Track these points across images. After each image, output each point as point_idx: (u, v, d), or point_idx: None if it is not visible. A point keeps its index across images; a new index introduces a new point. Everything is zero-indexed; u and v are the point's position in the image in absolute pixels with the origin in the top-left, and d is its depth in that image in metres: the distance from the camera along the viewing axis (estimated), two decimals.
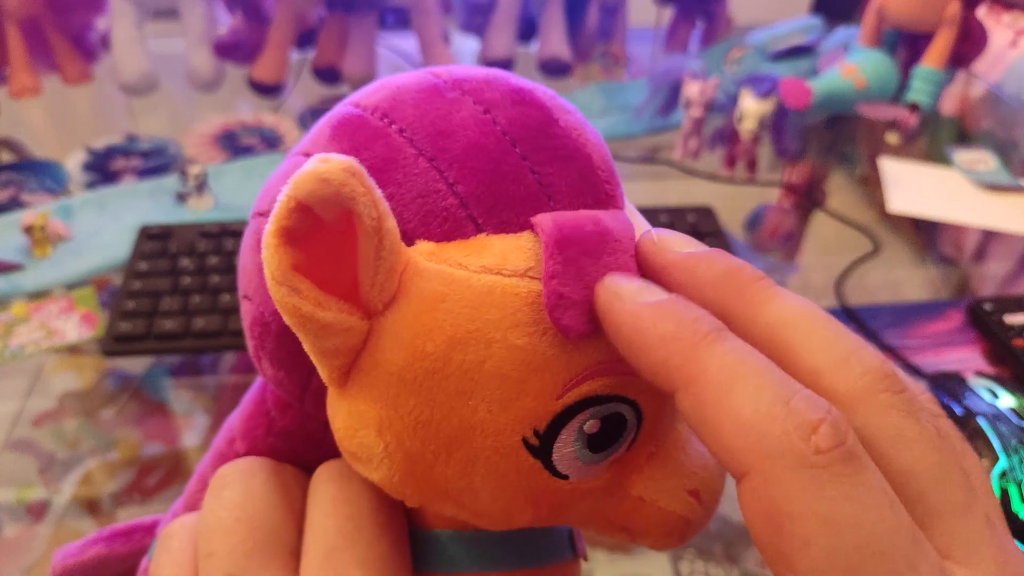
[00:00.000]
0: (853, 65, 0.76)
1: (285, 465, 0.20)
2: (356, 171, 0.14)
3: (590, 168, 0.17)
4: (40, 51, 0.80)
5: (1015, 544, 0.14)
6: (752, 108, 0.69)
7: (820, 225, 0.69)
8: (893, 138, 0.78)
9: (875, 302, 0.58)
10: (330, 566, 0.18)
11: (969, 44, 0.76)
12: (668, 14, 0.96)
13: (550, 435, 0.16)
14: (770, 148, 0.74)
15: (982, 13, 0.79)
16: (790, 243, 0.67)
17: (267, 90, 0.83)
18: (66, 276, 0.57)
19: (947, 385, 0.48)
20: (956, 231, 0.69)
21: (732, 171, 0.73)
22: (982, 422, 0.44)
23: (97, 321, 0.53)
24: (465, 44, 0.98)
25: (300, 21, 0.84)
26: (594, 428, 0.16)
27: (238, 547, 0.18)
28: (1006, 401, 0.47)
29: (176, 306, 0.52)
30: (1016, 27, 0.88)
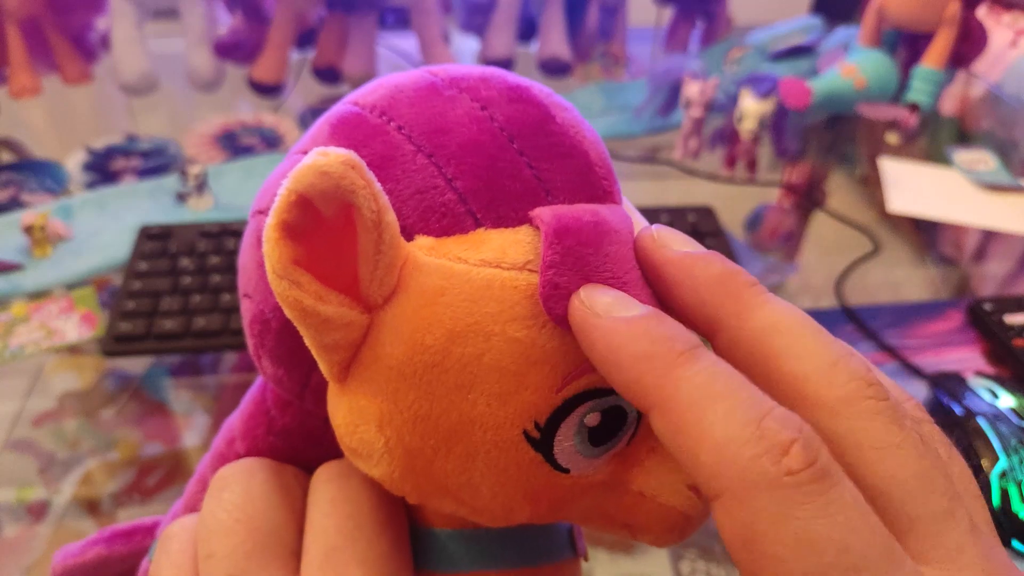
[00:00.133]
0: (853, 65, 0.76)
1: (285, 465, 0.20)
2: (356, 164, 0.14)
3: (587, 164, 0.18)
4: (40, 51, 0.80)
5: (1002, 550, 0.14)
6: (752, 108, 0.69)
7: (820, 225, 0.69)
8: (893, 138, 0.78)
9: (875, 302, 0.58)
10: (330, 565, 0.18)
11: (969, 44, 0.76)
12: (668, 14, 0.96)
13: (551, 428, 0.16)
14: (770, 148, 0.74)
15: (982, 13, 0.79)
16: (790, 243, 0.67)
17: (267, 90, 0.83)
18: (66, 276, 0.57)
19: (947, 385, 0.48)
20: (956, 231, 0.69)
21: (732, 171, 0.73)
22: (982, 422, 0.44)
23: (97, 321, 0.53)
24: (465, 44, 0.98)
25: (300, 21, 0.84)
26: (595, 421, 0.16)
27: (238, 548, 0.18)
28: (1006, 401, 0.47)
29: (176, 306, 0.52)
30: (1016, 27, 0.88)
